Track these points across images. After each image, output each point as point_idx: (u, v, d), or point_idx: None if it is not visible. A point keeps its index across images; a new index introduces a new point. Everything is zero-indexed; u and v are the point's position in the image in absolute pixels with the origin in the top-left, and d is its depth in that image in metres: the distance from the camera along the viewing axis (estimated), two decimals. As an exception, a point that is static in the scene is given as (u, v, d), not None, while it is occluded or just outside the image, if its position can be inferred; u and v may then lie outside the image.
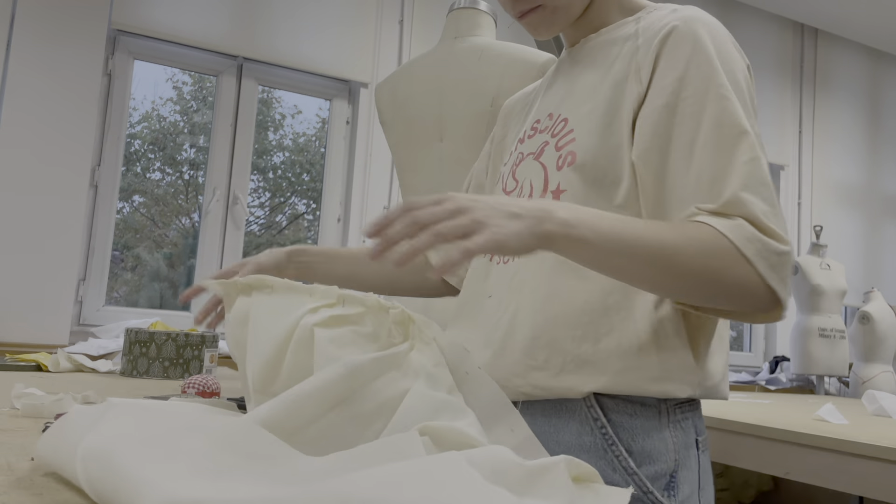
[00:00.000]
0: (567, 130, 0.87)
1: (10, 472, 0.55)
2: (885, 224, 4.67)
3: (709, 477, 0.85)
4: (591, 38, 0.93)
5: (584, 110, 0.86)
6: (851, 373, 3.58)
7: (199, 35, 2.86)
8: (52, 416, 0.82)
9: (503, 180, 0.96)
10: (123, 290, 2.93)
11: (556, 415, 0.83)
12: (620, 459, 0.79)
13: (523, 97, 1.10)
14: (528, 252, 0.68)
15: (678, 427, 0.82)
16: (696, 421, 0.84)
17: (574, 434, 0.81)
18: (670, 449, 0.80)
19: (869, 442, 1.40)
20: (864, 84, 4.68)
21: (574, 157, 0.83)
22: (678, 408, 0.82)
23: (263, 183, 3.23)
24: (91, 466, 0.49)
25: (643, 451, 0.79)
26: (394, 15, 3.25)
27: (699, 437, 0.84)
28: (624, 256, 0.71)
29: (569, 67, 0.95)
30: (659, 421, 0.81)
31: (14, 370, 1.52)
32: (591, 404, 0.80)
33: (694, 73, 0.78)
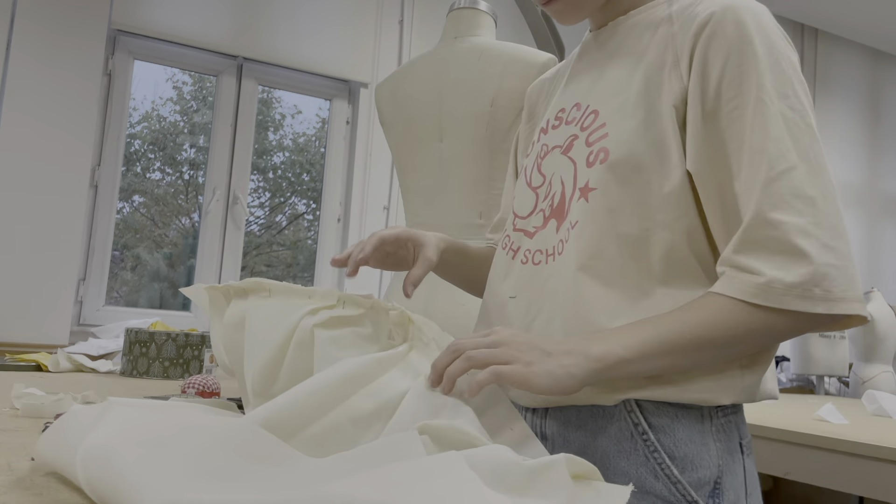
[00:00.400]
0: (598, 125, 0.81)
1: (10, 472, 0.55)
2: (885, 224, 4.67)
3: (755, 481, 0.81)
4: (619, 21, 0.87)
5: (616, 103, 0.81)
6: (851, 373, 3.58)
7: (199, 35, 2.86)
8: (52, 416, 0.82)
9: (527, 174, 0.91)
10: (123, 290, 2.93)
11: (592, 420, 0.79)
12: (663, 467, 0.75)
13: (545, 83, 1.04)
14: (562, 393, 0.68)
15: (721, 431, 0.78)
16: (740, 424, 0.80)
17: (612, 440, 0.77)
18: (713, 454, 0.76)
19: (869, 442, 1.40)
20: (864, 84, 4.68)
21: (607, 154, 0.78)
22: (720, 410, 0.78)
23: (263, 183, 3.23)
24: (91, 467, 0.49)
25: (686, 458, 0.75)
26: (394, 15, 3.25)
27: (743, 441, 0.80)
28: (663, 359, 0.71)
29: (595, 52, 0.89)
30: (702, 425, 0.77)
31: (14, 370, 1.52)
32: (631, 409, 0.77)
33: (733, 73, 0.73)
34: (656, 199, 0.76)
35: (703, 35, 0.75)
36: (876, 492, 1.38)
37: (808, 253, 0.68)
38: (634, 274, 0.76)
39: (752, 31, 0.73)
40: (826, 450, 1.48)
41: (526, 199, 0.89)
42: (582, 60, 0.92)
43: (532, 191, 0.89)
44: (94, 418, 0.55)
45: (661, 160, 0.76)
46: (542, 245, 0.84)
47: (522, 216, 0.89)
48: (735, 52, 0.73)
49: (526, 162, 0.94)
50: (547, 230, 0.84)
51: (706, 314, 0.70)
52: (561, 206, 0.83)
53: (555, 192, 0.84)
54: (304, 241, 3.33)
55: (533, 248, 0.85)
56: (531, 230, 0.86)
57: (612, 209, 0.77)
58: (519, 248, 0.87)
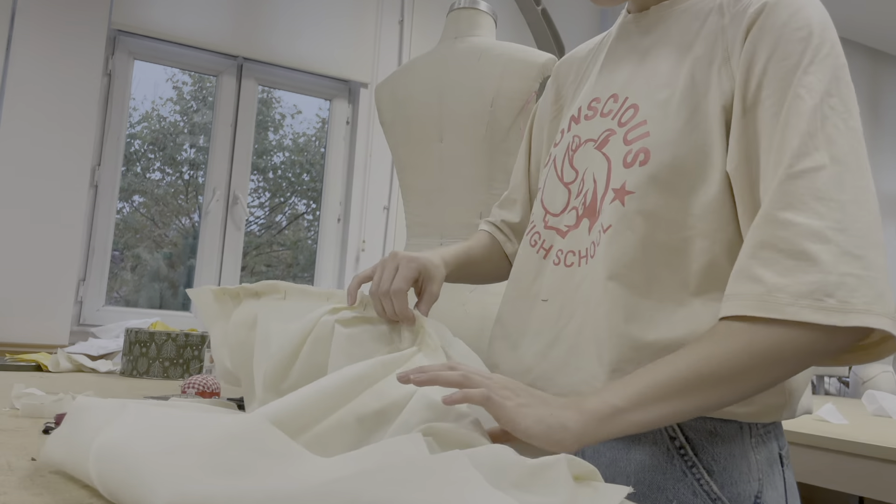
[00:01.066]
0: (639, 122, 0.75)
1: (10, 472, 0.55)
2: (885, 224, 4.67)
3: (795, 492, 0.76)
4: (664, 7, 0.80)
5: (659, 99, 0.74)
6: (851, 373, 3.58)
7: (199, 35, 2.86)
8: (52, 416, 0.82)
9: (557, 167, 0.85)
10: (123, 290, 2.93)
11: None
12: (702, 483, 0.71)
13: (575, 62, 0.96)
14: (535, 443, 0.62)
15: (761, 443, 0.73)
16: (778, 434, 0.76)
17: (647, 454, 0.73)
18: (754, 468, 0.72)
19: (869, 442, 1.40)
20: (864, 84, 4.68)
21: (648, 156, 0.71)
22: (760, 424, 0.74)
23: (263, 183, 3.23)
24: (103, 464, 0.49)
25: (725, 472, 0.71)
26: (394, 15, 3.25)
27: (782, 451, 0.76)
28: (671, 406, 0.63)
29: (636, 38, 0.82)
30: (742, 439, 0.72)
31: (14, 370, 1.52)
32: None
33: (777, 66, 0.67)
34: (697, 207, 0.70)
35: (755, 27, 0.69)
36: (876, 492, 1.38)
37: (819, 259, 0.60)
38: (670, 284, 0.71)
39: (805, 24, 0.68)
40: (826, 450, 1.48)
41: (557, 194, 0.84)
42: (620, 44, 0.85)
43: (564, 186, 0.83)
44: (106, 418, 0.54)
45: (704, 165, 0.70)
46: (574, 246, 0.79)
47: (554, 213, 0.84)
48: (783, 44, 0.67)
49: (555, 152, 0.88)
50: (580, 230, 0.79)
51: (707, 345, 0.63)
52: (593, 204, 0.78)
53: (587, 189, 0.79)
54: (304, 241, 3.33)
55: (566, 248, 0.80)
56: (563, 229, 0.81)
57: (649, 216, 0.71)
58: (551, 248, 0.82)
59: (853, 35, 4.53)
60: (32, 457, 0.61)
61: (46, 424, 0.76)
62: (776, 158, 0.65)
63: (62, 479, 0.54)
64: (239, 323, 0.80)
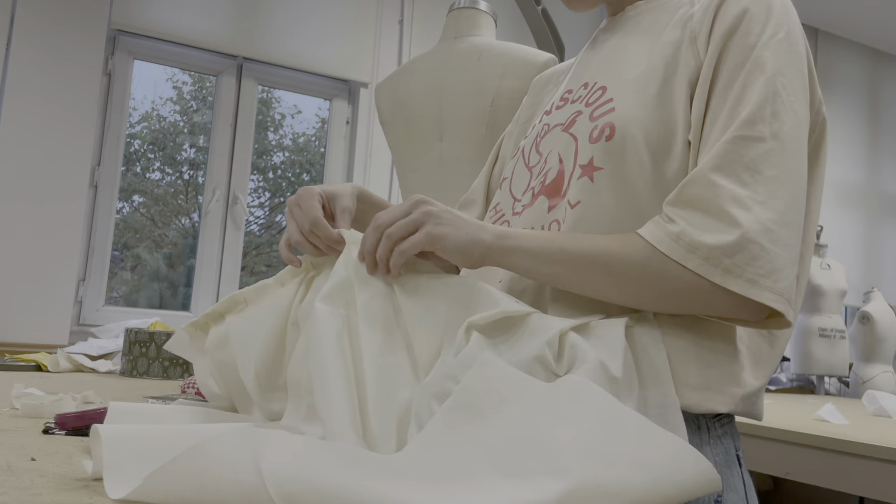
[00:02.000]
0: (605, 100, 0.77)
1: (10, 472, 0.55)
2: (885, 224, 4.67)
3: (753, 493, 0.76)
4: (638, 6, 0.84)
5: (627, 78, 0.76)
6: (852, 373, 3.58)
7: (198, 35, 2.86)
8: (51, 416, 0.82)
9: (524, 155, 0.87)
10: (123, 290, 2.93)
11: None
12: None
13: (555, 73, 1.01)
14: (466, 258, 0.69)
15: (718, 444, 0.73)
16: (734, 434, 0.76)
17: None
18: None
19: (869, 442, 1.40)
20: (864, 84, 4.68)
21: (613, 130, 0.73)
22: (717, 421, 0.73)
23: (263, 183, 3.23)
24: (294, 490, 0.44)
25: None
26: (394, 15, 3.25)
27: (738, 451, 0.76)
28: (560, 277, 0.70)
29: (608, 36, 0.86)
30: (699, 438, 0.72)
31: (14, 370, 1.52)
32: None
33: (740, 43, 0.70)
34: (663, 180, 0.71)
35: (721, 10, 0.72)
36: (876, 492, 1.38)
37: (733, 222, 0.63)
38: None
39: (766, 9, 0.71)
40: (826, 450, 1.48)
41: (521, 179, 0.86)
42: (594, 46, 0.88)
43: (528, 170, 0.85)
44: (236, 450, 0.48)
45: (669, 139, 0.72)
46: (530, 223, 0.79)
47: (517, 197, 0.85)
48: (744, 24, 0.70)
49: (524, 143, 0.90)
50: (535, 207, 0.80)
51: (614, 244, 0.68)
52: (557, 183, 0.78)
53: (549, 168, 0.80)
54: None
55: (520, 226, 0.81)
56: (519, 209, 0.83)
57: (618, 190, 0.72)
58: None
59: (853, 35, 4.53)
60: (32, 457, 0.61)
61: (46, 424, 0.76)
62: (723, 123, 0.68)
63: (62, 480, 0.54)
64: (212, 347, 0.79)
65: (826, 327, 3.50)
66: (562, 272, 0.69)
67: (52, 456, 0.62)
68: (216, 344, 0.79)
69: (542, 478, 0.46)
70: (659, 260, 0.66)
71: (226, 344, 0.78)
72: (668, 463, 0.48)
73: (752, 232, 0.63)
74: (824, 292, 3.52)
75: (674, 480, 0.47)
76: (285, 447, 0.46)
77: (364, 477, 0.46)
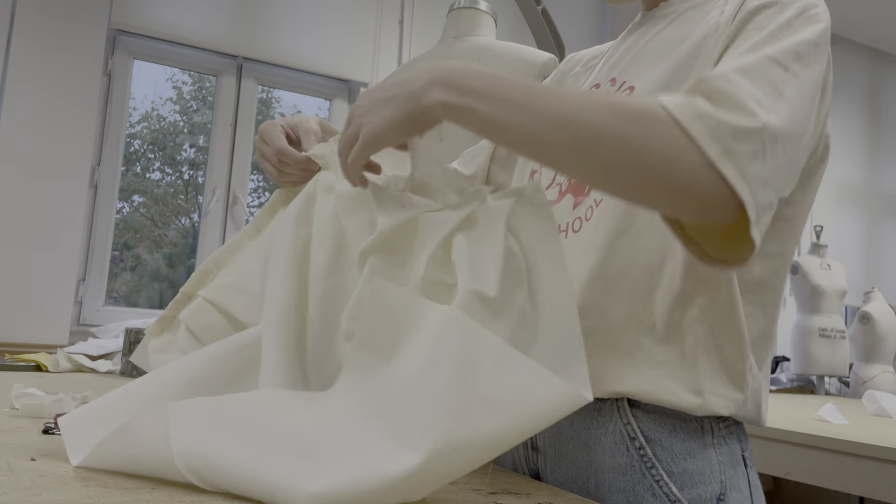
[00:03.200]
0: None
1: (10, 472, 0.55)
2: (885, 224, 4.67)
3: (760, 494, 0.75)
4: (672, 2, 0.81)
5: (654, 76, 0.74)
6: (852, 373, 3.58)
7: (198, 35, 2.86)
8: (51, 416, 0.82)
9: None
10: (123, 290, 2.93)
11: (586, 432, 0.74)
12: (661, 484, 0.70)
13: (586, 58, 0.97)
14: (412, 136, 0.63)
15: (723, 443, 0.72)
16: (741, 434, 0.75)
17: (608, 454, 0.72)
18: (716, 469, 0.71)
19: (869, 442, 1.40)
20: (865, 84, 4.68)
21: None
22: (722, 422, 0.72)
23: (263, 183, 3.23)
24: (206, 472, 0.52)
25: (685, 474, 0.70)
26: (394, 15, 3.25)
27: (745, 453, 0.74)
28: (518, 132, 0.59)
29: (641, 32, 0.84)
30: (702, 438, 0.71)
31: (14, 370, 1.52)
32: (628, 421, 0.72)
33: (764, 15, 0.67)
34: None
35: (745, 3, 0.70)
36: (876, 492, 1.38)
37: (757, 114, 0.57)
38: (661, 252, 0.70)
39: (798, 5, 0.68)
40: (826, 450, 1.48)
41: (548, 173, 0.84)
42: (626, 38, 0.86)
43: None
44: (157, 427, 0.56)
45: None
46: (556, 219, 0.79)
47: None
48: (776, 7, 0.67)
49: None
50: (562, 205, 0.80)
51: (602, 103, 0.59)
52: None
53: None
54: (304, 241, 3.33)
55: None
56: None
57: None
58: None
59: (853, 35, 4.53)
60: (32, 457, 0.61)
61: (46, 424, 0.76)
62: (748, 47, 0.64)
63: (62, 479, 0.54)
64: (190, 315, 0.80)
65: (826, 327, 3.50)
66: (518, 138, 0.60)
67: (52, 456, 0.62)
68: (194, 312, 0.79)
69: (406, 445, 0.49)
70: (645, 125, 0.57)
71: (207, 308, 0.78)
72: (523, 396, 0.49)
73: (766, 131, 0.57)
74: (824, 292, 3.52)
75: (529, 412, 0.49)
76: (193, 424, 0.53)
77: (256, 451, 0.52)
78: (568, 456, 0.76)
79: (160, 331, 0.82)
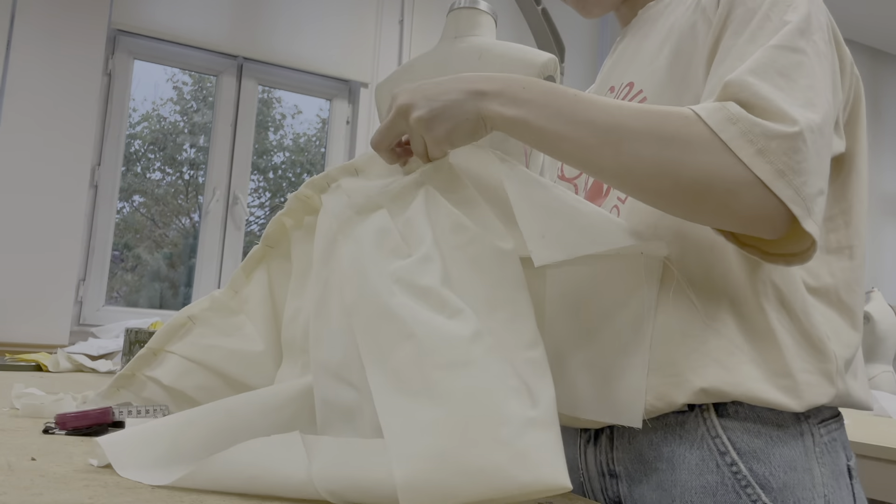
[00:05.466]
0: (635, 92, 0.75)
1: (10, 472, 0.55)
2: (885, 224, 4.68)
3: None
4: (649, 7, 0.82)
5: (650, 69, 0.75)
6: (851, 373, 3.58)
7: (199, 35, 2.86)
8: (52, 416, 0.82)
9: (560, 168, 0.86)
10: (123, 290, 2.93)
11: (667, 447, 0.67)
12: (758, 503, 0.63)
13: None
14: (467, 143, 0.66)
15: (825, 452, 0.65)
16: (845, 442, 0.68)
17: (694, 473, 0.65)
18: (818, 482, 0.64)
19: (869, 442, 1.40)
20: (865, 84, 4.67)
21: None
22: (823, 426, 0.66)
23: (263, 183, 3.23)
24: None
25: (784, 488, 0.62)
26: (394, 15, 3.25)
27: (850, 463, 0.68)
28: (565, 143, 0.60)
29: (626, 42, 0.85)
30: (803, 447, 0.64)
31: (14, 370, 1.52)
32: (716, 434, 0.64)
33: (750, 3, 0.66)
34: None
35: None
36: (876, 492, 1.38)
37: (796, 119, 0.56)
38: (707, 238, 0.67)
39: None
40: (826, 450, 1.48)
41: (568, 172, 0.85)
42: (613, 55, 0.88)
43: (569, 181, 0.84)
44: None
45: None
46: None
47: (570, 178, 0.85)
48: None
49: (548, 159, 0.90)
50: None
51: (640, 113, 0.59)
52: (598, 185, 0.78)
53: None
54: (304, 241, 3.32)
55: None
56: None
57: None
58: None
59: (853, 35, 4.53)
60: (32, 457, 0.61)
61: (46, 424, 0.76)
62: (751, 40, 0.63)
63: (62, 479, 0.54)
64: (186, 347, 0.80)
65: (826, 327, 3.49)
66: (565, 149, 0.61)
67: (52, 456, 0.62)
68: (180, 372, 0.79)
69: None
70: (685, 137, 0.57)
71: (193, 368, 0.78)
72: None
73: (801, 125, 0.56)
74: (824, 292, 3.51)
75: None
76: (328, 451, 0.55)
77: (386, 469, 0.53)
78: (652, 477, 0.68)
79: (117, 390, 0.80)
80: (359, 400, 0.61)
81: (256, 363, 0.78)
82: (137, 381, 0.80)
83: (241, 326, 0.79)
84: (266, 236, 0.81)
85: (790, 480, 0.63)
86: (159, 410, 0.76)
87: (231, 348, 0.78)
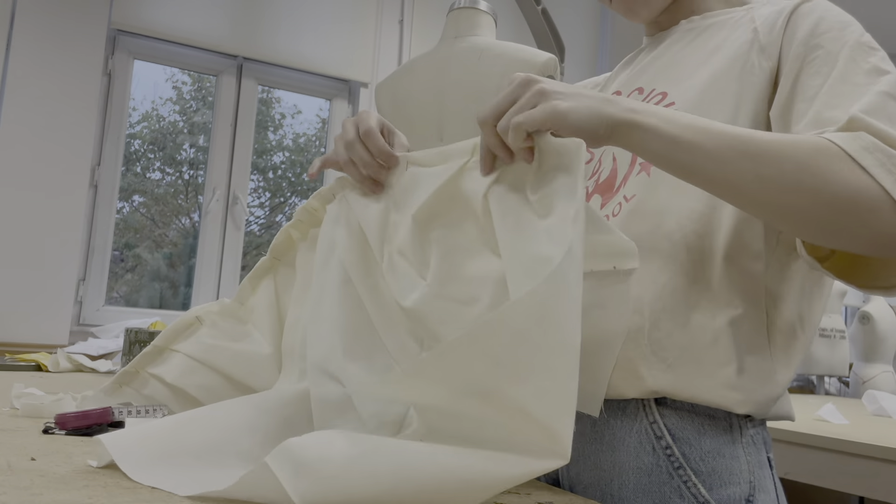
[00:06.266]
0: (667, 104, 0.75)
1: (10, 472, 0.55)
2: (885, 224, 4.67)
3: (783, 499, 0.74)
4: (693, 20, 0.82)
5: (687, 83, 0.75)
6: (852, 373, 3.58)
7: (198, 35, 2.85)
8: (51, 416, 0.82)
9: None
10: (123, 290, 2.93)
11: (609, 432, 0.73)
12: (689, 485, 0.68)
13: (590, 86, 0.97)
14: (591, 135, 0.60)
15: (751, 443, 0.71)
16: (766, 436, 0.74)
17: (631, 455, 0.71)
18: (744, 469, 0.69)
19: (869, 442, 1.40)
20: None
21: None
22: (749, 421, 0.71)
23: (263, 183, 3.23)
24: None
25: (714, 473, 0.68)
26: (394, 15, 3.25)
27: (769, 454, 0.74)
28: (700, 151, 0.60)
29: (662, 49, 0.84)
30: (731, 437, 0.70)
31: (14, 370, 1.52)
32: (654, 420, 0.70)
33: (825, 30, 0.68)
34: None
35: (791, 18, 0.71)
36: (876, 492, 1.38)
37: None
38: (697, 249, 0.70)
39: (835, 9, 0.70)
40: (826, 450, 1.48)
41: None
42: (639, 56, 0.87)
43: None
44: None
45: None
46: None
47: None
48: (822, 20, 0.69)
49: None
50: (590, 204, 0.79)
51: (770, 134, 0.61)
52: (610, 181, 0.78)
53: (603, 168, 0.80)
54: (304, 241, 3.32)
55: None
56: None
57: (673, 183, 0.68)
58: None
59: None
60: (32, 457, 0.61)
61: (46, 424, 0.76)
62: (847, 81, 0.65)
63: (62, 480, 0.54)
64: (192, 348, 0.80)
65: (826, 327, 3.50)
66: (699, 158, 0.60)
67: (52, 456, 0.62)
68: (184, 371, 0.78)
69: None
70: (825, 157, 0.58)
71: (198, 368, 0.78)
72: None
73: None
74: (824, 292, 3.51)
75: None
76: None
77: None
78: (590, 458, 0.74)
79: (119, 387, 0.80)
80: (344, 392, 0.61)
81: (263, 366, 0.78)
82: (140, 377, 0.80)
83: (248, 333, 0.79)
84: (273, 248, 0.81)
85: (718, 466, 0.68)
86: (159, 410, 0.76)
87: (238, 349, 0.78)
